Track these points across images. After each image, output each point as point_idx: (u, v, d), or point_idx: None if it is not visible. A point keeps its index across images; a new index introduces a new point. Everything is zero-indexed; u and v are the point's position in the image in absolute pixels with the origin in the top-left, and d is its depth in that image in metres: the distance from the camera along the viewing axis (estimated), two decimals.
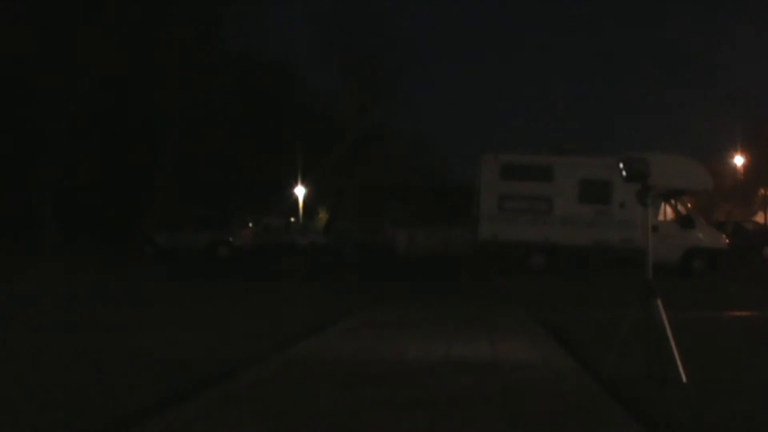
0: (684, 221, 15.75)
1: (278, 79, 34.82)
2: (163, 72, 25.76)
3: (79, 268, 17.08)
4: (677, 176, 14.53)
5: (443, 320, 7.12)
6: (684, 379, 4.13)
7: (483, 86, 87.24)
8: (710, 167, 19.93)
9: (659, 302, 4.33)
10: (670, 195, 15.34)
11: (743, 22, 62.75)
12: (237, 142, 31.12)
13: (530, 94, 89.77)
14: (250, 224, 25.63)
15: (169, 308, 9.13)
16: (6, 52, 21.56)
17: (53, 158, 24.35)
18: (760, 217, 38.96)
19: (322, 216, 42.43)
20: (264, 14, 41.32)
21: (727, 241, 16.76)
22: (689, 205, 17.12)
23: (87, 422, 3.69)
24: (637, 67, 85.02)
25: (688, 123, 67.12)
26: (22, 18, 22.49)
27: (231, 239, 23.22)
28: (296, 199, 37.45)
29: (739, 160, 40.92)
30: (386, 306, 8.74)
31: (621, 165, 4.57)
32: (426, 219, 28.25)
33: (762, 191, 41.74)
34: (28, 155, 24.41)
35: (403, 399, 3.84)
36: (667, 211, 16.19)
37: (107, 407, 3.99)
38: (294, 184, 36.84)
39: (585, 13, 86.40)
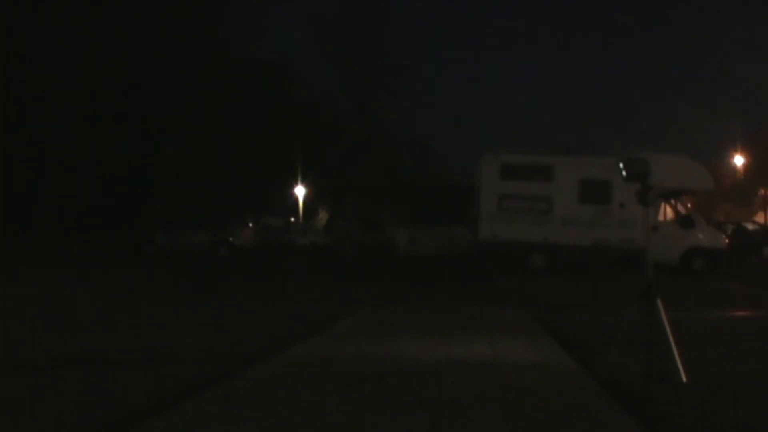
0: (684, 221, 15.73)
1: (278, 79, 34.80)
2: (164, 71, 25.76)
3: (79, 267, 17.08)
4: (677, 176, 14.51)
5: (443, 320, 7.12)
6: (684, 379, 4.13)
7: (483, 86, 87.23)
8: (710, 167, 19.92)
9: (659, 302, 4.33)
10: (670, 195, 15.32)
11: (744, 21, 62.73)
12: (237, 141, 31.12)
13: (530, 94, 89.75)
14: (250, 224, 25.63)
15: (169, 308, 9.13)
16: (7, 51, 21.56)
17: (54, 158, 24.35)
18: (760, 217, 38.94)
19: (322, 216, 42.41)
20: (264, 14, 41.28)
21: (727, 241, 16.75)
22: (689, 205, 17.11)
23: (88, 422, 3.69)
24: (637, 67, 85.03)
25: (688, 123, 67.12)
26: (23, 17, 22.48)
27: (231, 239, 23.22)
28: (296, 199, 37.43)
29: (739, 160, 40.91)
30: (386, 306, 8.74)
31: (621, 165, 4.57)
32: (426, 219, 28.23)
33: (762, 191, 41.72)
34: (29, 155, 24.40)
35: (403, 399, 3.84)
36: (667, 211, 16.18)
37: (107, 407, 3.99)
38: (294, 184, 36.82)
39: (585, 12, 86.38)
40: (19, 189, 24.64)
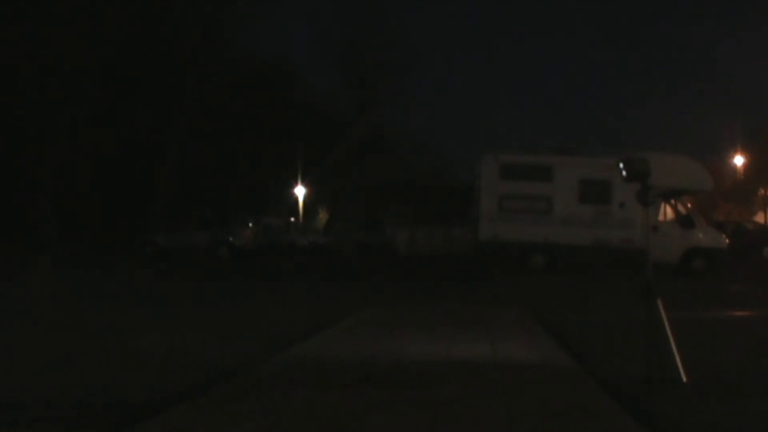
0: (684, 221, 15.73)
1: (279, 79, 34.80)
2: (164, 71, 25.76)
3: (79, 267, 17.08)
4: (677, 176, 14.50)
5: (443, 320, 7.12)
6: (684, 379, 4.13)
7: (483, 86, 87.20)
8: (710, 167, 19.89)
9: (659, 302, 4.33)
10: (670, 195, 15.31)
11: (744, 21, 62.70)
12: (237, 142, 31.12)
13: (530, 93, 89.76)
14: (250, 224, 25.63)
15: (170, 308, 9.13)
16: (7, 49, 21.54)
17: (53, 157, 24.34)
18: (760, 217, 38.92)
19: (322, 216, 42.39)
20: (265, 14, 41.31)
21: (727, 241, 16.75)
22: (689, 205, 17.09)
23: (88, 422, 3.69)
24: (638, 67, 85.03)
25: (688, 123, 67.10)
26: (23, 14, 22.47)
27: (231, 239, 23.22)
28: (296, 199, 37.43)
29: (739, 160, 40.89)
30: (386, 306, 8.74)
31: (621, 165, 4.57)
32: (426, 219, 28.23)
33: (762, 191, 41.68)
34: (28, 154, 24.40)
35: (403, 399, 3.84)
36: (667, 211, 16.17)
37: (108, 407, 3.99)
38: (294, 184, 36.82)
39: (585, 12, 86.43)
40: (18, 189, 24.63)
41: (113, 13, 23.53)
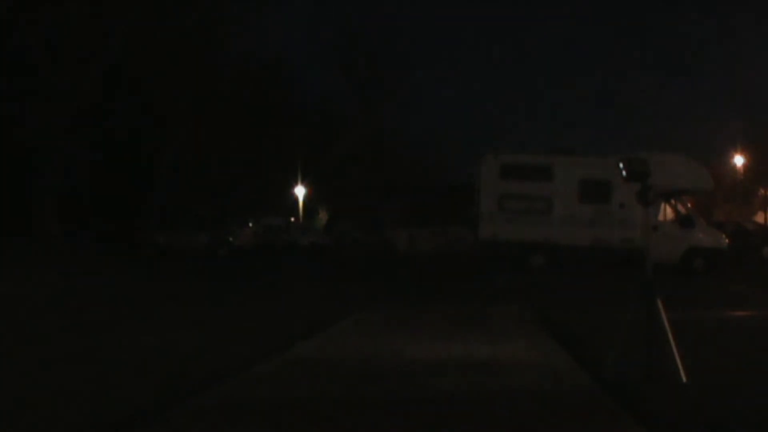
0: (684, 221, 15.72)
1: (279, 79, 34.83)
2: (165, 71, 25.77)
3: (79, 267, 17.07)
4: (677, 176, 14.51)
5: (443, 320, 7.13)
6: (684, 379, 4.12)
7: (483, 85, 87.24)
8: (710, 167, 19.91)
9: (659, 302, 4.33)
10: (670, 195, 15.31)
11: (745, 21, 62.72)
12: (237, 142, 31.14)
13: (531, 93, 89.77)
14: (250, 224, 25.66)
15: (169, 309, 9.12)
16: (7, 49, 21.55)
17: (53, 158, 24.34)
18: (760, 217, 38.93)
19: (322, 216, 42.41)
20: (265, 14, 41.30)
21: (727, 241, 16.74)
22: (689, 205, 17.09)
23: (88, 423, 3.69)
24: (638, 67, 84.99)
25: (689, 123, 67.11)
26: (23, 13, 22.46)
27: (231, 239, 23.23)
28: (296, 199, 37.44)
29: (739, 160, 40.89)
30: (386, 306, 8.74)
31: (621, 165, 4.57)
32: (426, 219, 28.24)
33: (762, 191, 41.71)
34: (29, 154, 24.40)
35: (403, 399, 3.84)
36: (667, 211, 16.17)
37: (108, 408, 3.98)
38: (294, 184, 36.83)
39: (586, 12, 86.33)
40: (18, 188, 24.63)
41: (113, 13, 23.54)
